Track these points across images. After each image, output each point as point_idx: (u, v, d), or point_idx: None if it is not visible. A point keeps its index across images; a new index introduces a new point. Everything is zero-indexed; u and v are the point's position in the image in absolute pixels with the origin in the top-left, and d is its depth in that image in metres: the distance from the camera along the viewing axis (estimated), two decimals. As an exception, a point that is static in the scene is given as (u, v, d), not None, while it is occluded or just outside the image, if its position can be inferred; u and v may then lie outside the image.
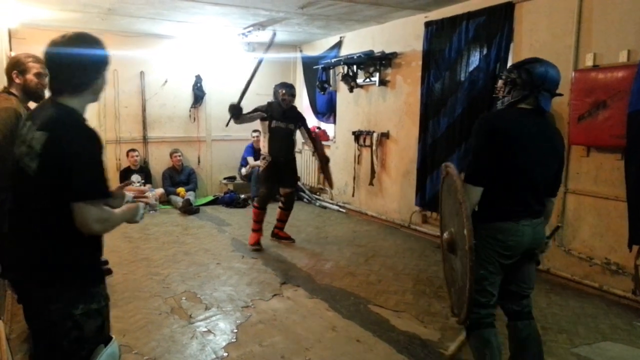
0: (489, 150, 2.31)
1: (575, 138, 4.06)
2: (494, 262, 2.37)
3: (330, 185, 5.99)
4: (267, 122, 5.24)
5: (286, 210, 5.53)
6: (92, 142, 1.68)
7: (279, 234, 5.60)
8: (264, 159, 5.34)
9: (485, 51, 4.85)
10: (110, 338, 1.86)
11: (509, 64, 4.68)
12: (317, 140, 5.73)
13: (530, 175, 2.35)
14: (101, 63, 1.77)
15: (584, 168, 4.12)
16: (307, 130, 5.52)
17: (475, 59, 4.99)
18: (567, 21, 4.16)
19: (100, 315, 1.78)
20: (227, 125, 5.50)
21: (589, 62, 3.99)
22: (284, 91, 5.23)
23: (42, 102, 1.92)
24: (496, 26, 4.71)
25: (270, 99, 5.35)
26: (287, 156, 5.36)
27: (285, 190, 5.47)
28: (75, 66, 1.71)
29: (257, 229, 5.30)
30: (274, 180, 5.34)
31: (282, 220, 5.57)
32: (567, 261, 4.29)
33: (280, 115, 5.22)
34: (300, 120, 5.44)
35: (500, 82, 2.51)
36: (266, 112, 5.22)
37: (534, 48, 4.47)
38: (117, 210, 1.84)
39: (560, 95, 2.54)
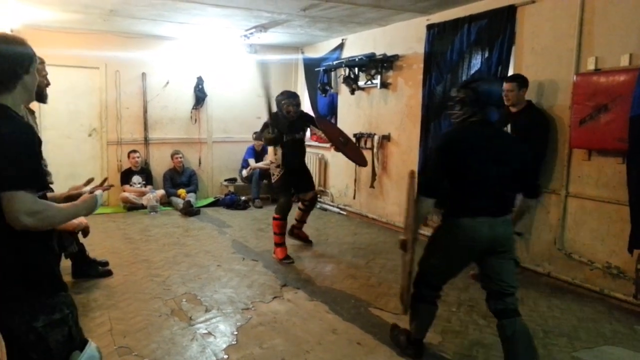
0: (442, 166, 2.70)
1: (577, 142, 4.06)
2: (450, 253, 2.78)
3: (360, 163, 5.62)
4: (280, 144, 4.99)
5: (307, 211, 5.43)
6: (22, 132, 1.61)
7: (299, 235, 5.58)
8: (277, 167, 5.08)
9: (487, 54, 4.85)
10: (86, 342, 1.81)
11: (511, 67, 4.69)
12: (327, 127, 5.53)
13: (484, 176, 2.65)
14: (23, 60, 1.71)
15: (585, 172, 4.11)
16: (316, 126, 5.31)
17: (477, 62, 4.99)
18: (569, 25, 4.16)
19: (65, 324, 1.72)
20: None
21: (591, 66, 3.99)
22: (287, 103, 4.92)
23: None
24: (498, 29, 4.71)
25: (272, 100, 5.25)
26: (301, 162, 5.27)
27: (307, 195, 5.27)
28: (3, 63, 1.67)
29: (282, 242, 5.03)
30: (291, 187, 5.17)
31: (303, 220, 5.52)
32: (568, 265, 4.28)
33: (288, 129, 4.94)
34: (309, 122, 5.24)
35: (452, 102, 2.83)
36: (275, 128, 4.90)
37: (535, 51, 4.47)
38: (63, 205, 1.77)
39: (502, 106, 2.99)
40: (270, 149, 5.23)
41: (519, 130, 4.21)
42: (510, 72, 4.64)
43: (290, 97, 4.99)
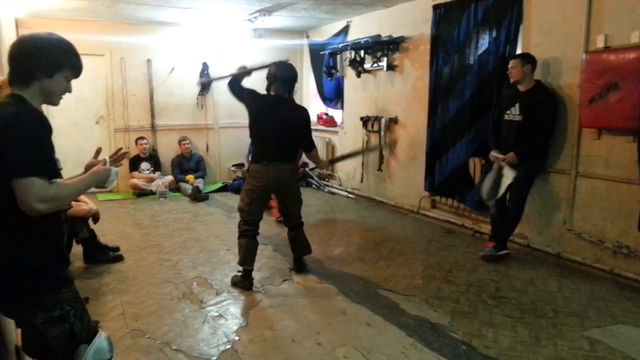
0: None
1: (586, 121, 4.01)
2: (254, 192, 3.87)
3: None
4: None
5: None
6: (34, 121, 1.62)
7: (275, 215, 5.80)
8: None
9: (494, 34, 4.79)
10: (95, 333, 1.79)
11: (519, 46, 4.63)
12: None
13: (268, 137, 3.86)
14: (43, 62, 1.68)
15: (595, 151, 4.08)
16: None
17: (484, 42, 4.93)
18: (578, 2, 4.08)
19: (65, 321, 1.70)
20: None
21: (600, 44, 3.92)
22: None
23: None
24: (505, 8, 4.65)
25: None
26: None
27: None
28: (21, 60, 1.68)
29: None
30: None
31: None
32: (578, 245, 4.26)
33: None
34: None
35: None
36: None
37: (543, 30, 4.41)
38: (72, 181, 1.77)
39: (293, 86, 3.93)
40: None
41: (528, 110, 4.17)
42: (519, 52, 4.59)
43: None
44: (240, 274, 3.90)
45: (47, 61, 1.68)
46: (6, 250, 1.64)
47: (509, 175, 4.22)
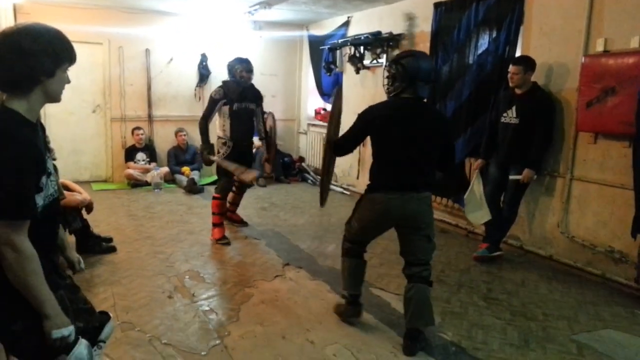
0: (358, 132, 3.05)
1: (583, 124, 4.02)
2: (366, 221, 3.08)
3: (270, 163, 6.07)
4: (227, 107, 4.81)
5: (240, 194, 5.40)
6: (12, 152, 1.42)
7: (233, 218, 5.45)
8: (224, 144, 4.91)
9: (494, 34, 4.78)
10: (76, 342, 1.61)
11: (519, 47, 4.62)
12: (270, 126, 5.79)
13: (404, 151, 2.84)
14: (43, 62, 1.49)
15: (590, 155, 4.08)
16: (262, 112, 5.23)
17: (484, 42, 4.92)
18: (579, 5, 4.08)
19: (42, 333, 1.54)
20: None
21: (600, 47, 3.92)
22: (240, 68, 4.78)
23: None
24: (506, 8, 4.63)
25: (275, 78, 5.17)
26: (249, 140, 5.10)
27: (248, 176, 4.92)
28: (19, 64, 1.46)
29: (220, 223, 4.90)
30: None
31: (236, 203, 5.47)
32: (570, 248, 4.28)
33: (238, 96, 4.82)
34: (259, 100, 5.11)
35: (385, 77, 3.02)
36: (225, 97, 4.78)
37: (543, 31, 4.40)
38: (45, 286, 1.51)
39: (435, 82, 3.10)
40: (218, 121, 5.00)
41: (525, 112, 4.17)
42: (518, 53, 4.58)
43: (244, 62, 4.84)
44: (345, 300, 3.27)
45: (49, 60, 1.51)
46: None
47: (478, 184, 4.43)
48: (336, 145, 3.17)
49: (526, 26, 4.56)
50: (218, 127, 5.00)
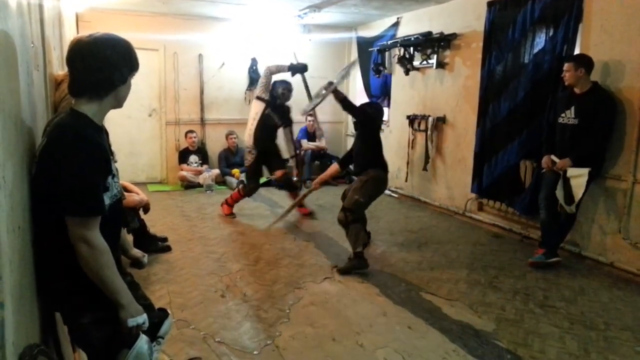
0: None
1: (649, 125, 3.81)
2: (376, 195, 4.55)
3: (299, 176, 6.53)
4: (264, 105, 5.50)
5: (288, 190, 6.04)
6: (83, 153, 1.51)
7: (301, 211, 5.99)
8: (250, 152, 5.61)
9: (551, 32, 4.62)
10: (137, 337, 1.67)
11: (578, 45, 4.44)
12: (297, 147, 6.53)
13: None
14: (123, 70, 1.62)
15: (656, 157, 3.87)
16: (292, 132, 5.94)
17: (540, 41, 4.76)
18: (644, 0, 3.88)
19: (110, 323, 1.63)
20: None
21: (667, 44, 3.71)
22: (282, 87, 5.52)
23: None
24: (564, 6, 4.46)
25: (325, 81, 5.24)
26: (270, 146, 5.74)
27: (280, 172, 5.79)
28: (101, 69, 1.57)
29: (232, 205, 5.86)
30: (261, 172, 5.87)
31: (299, 203, 5.77)
32: (632, 255, 4.06)
33: (273, 106, 5.53)
34: (289, 120, 5.77)
35: None
36: (269, 97, 5.50)
37: (604, 29, 4.20)
38: (118, 278, 1.61)
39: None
40: (248, 126, 5.67)
41: (584, 113, 4.00)
42: (577, 52, 4.40)
43: (286, 84, 5.58)
44: (356, 256, 4.11)
45: (126, 68, 1.63)
46: (59, 251, 1.57)
47: (578, 175, 4.03)
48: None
49: (585, 24, 4.37)
50: (247, 131, 5.66)
